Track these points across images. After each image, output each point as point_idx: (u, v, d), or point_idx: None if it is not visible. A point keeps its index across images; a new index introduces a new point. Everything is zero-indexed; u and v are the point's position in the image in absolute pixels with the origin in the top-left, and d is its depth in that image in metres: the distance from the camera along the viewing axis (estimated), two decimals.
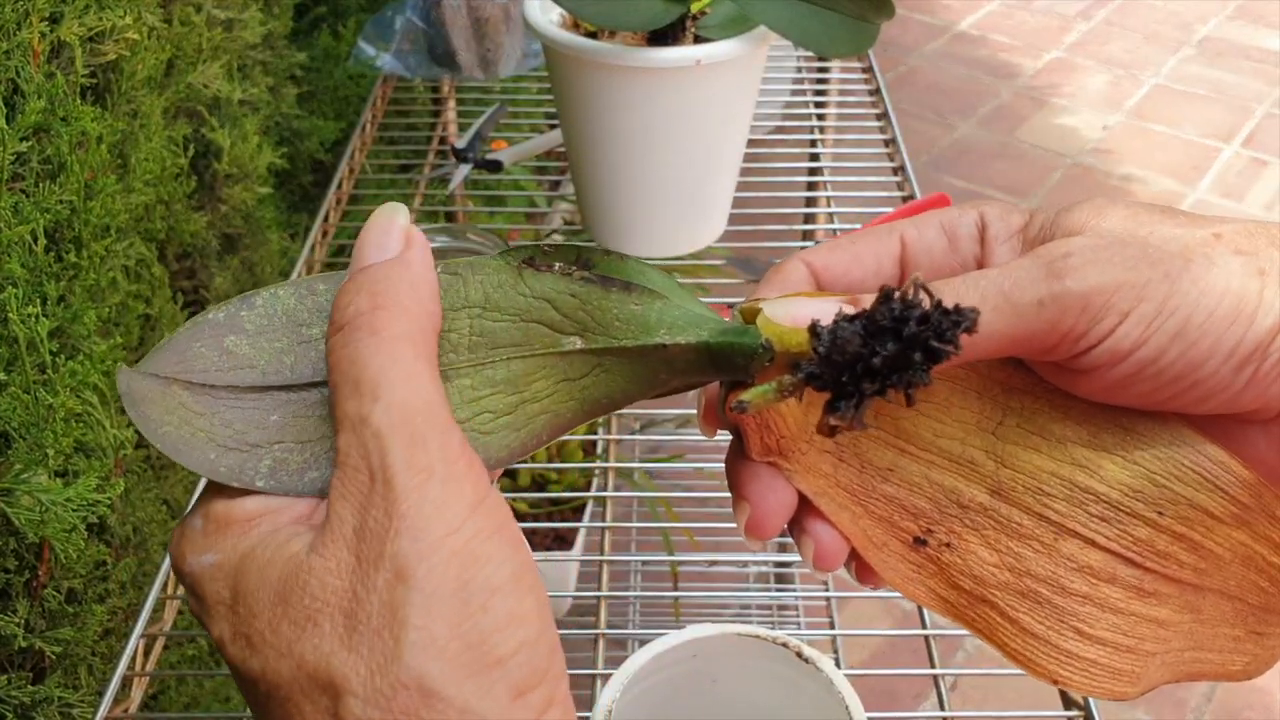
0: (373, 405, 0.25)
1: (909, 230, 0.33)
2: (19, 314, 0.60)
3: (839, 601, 1.41)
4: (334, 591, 0.24)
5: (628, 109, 0.70)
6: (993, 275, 0.29)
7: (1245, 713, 1.44)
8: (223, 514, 0.27)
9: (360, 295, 0.27)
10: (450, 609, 0.24)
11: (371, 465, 0.25)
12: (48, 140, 0.64)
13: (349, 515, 0.25)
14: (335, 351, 0.27)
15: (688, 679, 0.50)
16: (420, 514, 0.24)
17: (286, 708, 0.25)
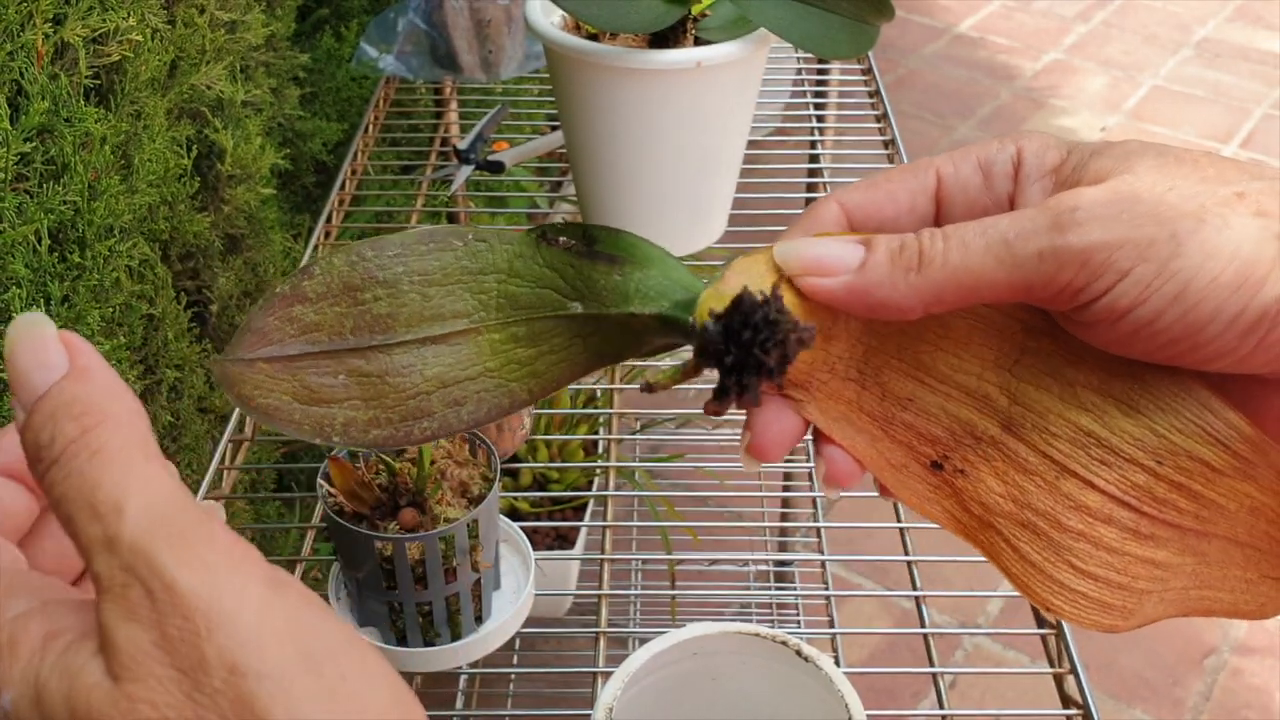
0: (119, 522, 0.23)
1: (945, 166, 0.33)
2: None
3: (839, 600, 1.41)
4: (171, 709, 0.22)
5: (629, 110, 0.70)
6: (1003, 223, 0.29)
7: (1244, 712, 1.44)
8: (7, 639, 0.24)
9: (61, 423, 0.25)
10: (307, 687, 0.23)
11: (143, 579, 0.23)
12: (51, 141, 0.64)
13: (140, 633, 0.23)
14: (56, 486, 0.24)
15: (688, 677, 0.51)
16: (222, 607, 0.23)
17: None
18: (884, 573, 1.55)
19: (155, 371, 0.82)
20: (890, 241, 0.30)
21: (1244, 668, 1.50)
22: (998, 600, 1.55)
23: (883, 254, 0.30)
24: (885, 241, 0.30)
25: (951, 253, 0.29)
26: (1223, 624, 1.55)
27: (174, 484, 0.25)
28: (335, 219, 0.89)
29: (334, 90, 1.13)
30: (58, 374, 0.25)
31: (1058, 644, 0.58)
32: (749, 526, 1.34)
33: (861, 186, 0.33)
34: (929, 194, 0.33)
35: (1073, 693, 0.56)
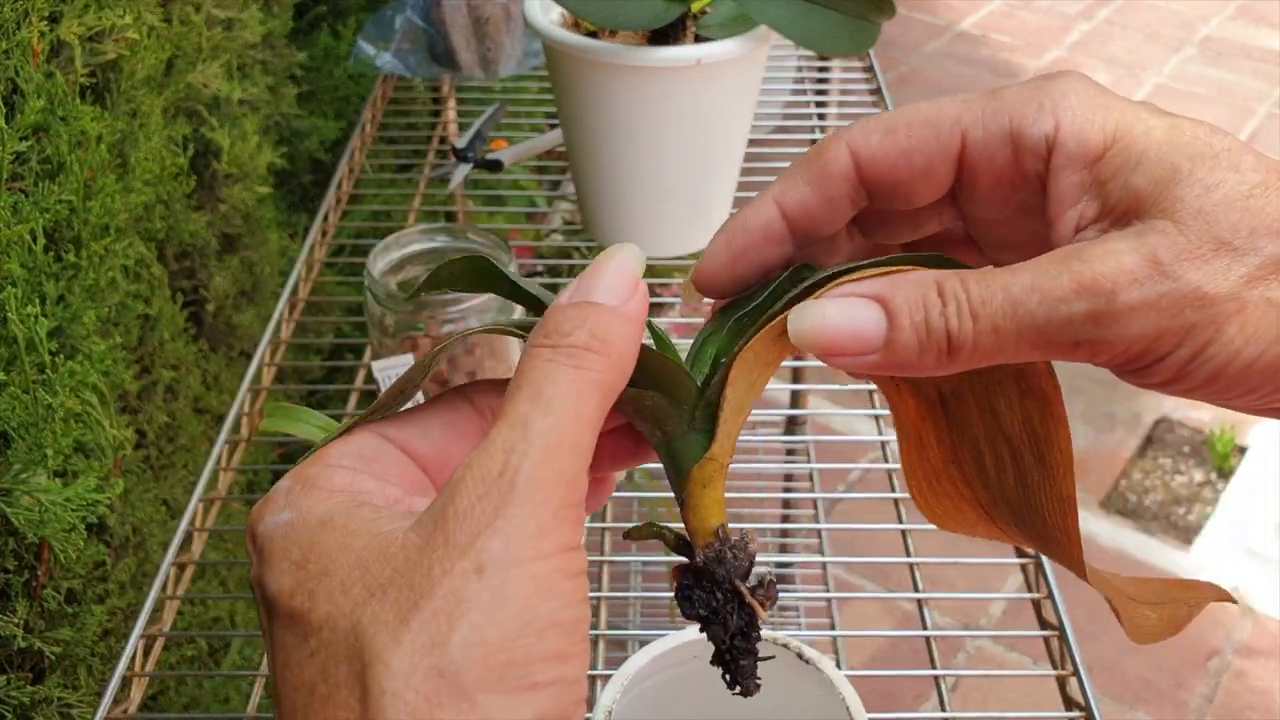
0: (541, 418, 0.26)
1: (973, 130, 0.30)
2: (18, 314, 0.60)
3: (840, 602, 1.41)
4: (412, 564, 0.25)
5: (628, 108, 0.70)
6: (1033, 303, 0.27)
7: (1247, 714, 1.44)
8: (312, 476, 0.28)
9: (582, 329, 0.28)
10: (509, 622, 0.24)
11: (508, 461, 0.25)
12: (47, 139, 0.64)
13: (461, 496, 0.25)
14: (535, 361, 0.27)
15: (688, 680, 0.50)
16: (521, 527, 0.25)
17: (327, 665, 0.25)
18: (885, 575, 1.55)
19: (151, 371, 0.82)
20: (914, 311, 0.28)
21: (1247, 670, 1.49)
22: (1000, 602, 1.55)
23: (909, 334, 0.28)
24: (908, 310, 0.28)
25: (983, 337, 0.28)
26: (1226, 627, 1.55)
27: (591, 439, 0.27)
28: (332, 218, 0.88)
29: (331, 88, 1.13)
30: (614, 302, 0.29)
31: (1060, 646, 0.58)
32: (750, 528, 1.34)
33: (878, 131, 0.31)
34: (950, 159, 0.31)
35: (1075, 695, 0.56)
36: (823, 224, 0.33)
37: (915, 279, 0.29)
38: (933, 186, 0.31)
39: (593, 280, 0.29)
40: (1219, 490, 1.76)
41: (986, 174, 0.31)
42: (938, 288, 0.28)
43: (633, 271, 0.29)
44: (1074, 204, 0.29)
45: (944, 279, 0.29)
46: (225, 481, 0.68)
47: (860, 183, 0.32)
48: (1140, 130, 0.29)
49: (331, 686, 0.24)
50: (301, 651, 0.25)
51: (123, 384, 0.74)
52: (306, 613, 0.25)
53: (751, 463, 1.32)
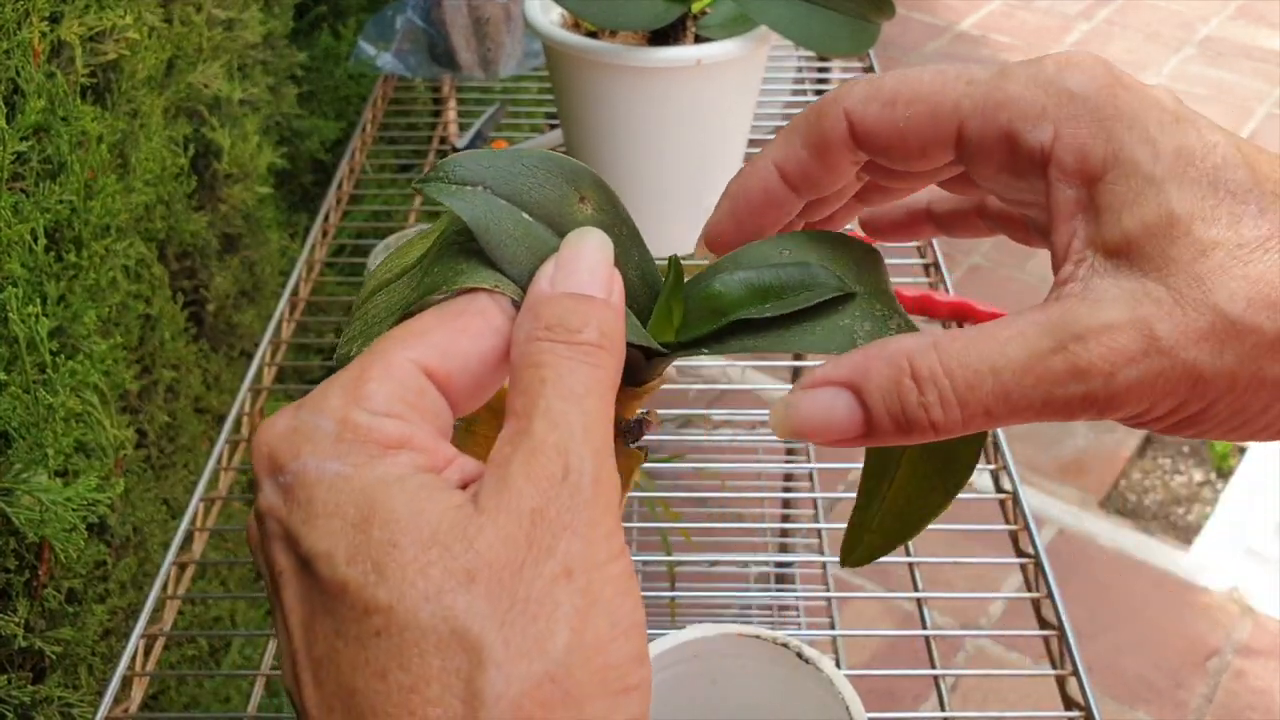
0: (582, 418, 0.26)
1: (971, 122, 0.29)
2: (19, 313, 0.60)
3: (839, 602, 1.41)
4: (499, 559, 0.24)
5: (628, 108, 0.70)
6: (1028, 384, 0.27)
7: (1247, 714, 1.44)
8: (364, 426, 0.26)
9: (590, 326, 0.27)
10: (601, 626, 0.24)
11: (569, 464, 0.25)
12: (48, 140, 0.64)
13: (531, 494, 0.25)
14: (553, 355, 0.27)
15: (688, 679, 0.50)
16: (595, 529, 0.25)
17: (405, 651, 0.23)
18: (885, 574, 1.55)
19: (152, 371, 0.82)
20: (888, 400, 0.27)
21: (1247, 670, 1.49)
22: (999, 602, 1.55)
23: (887, 423, 0.28)
24: (882, 399, 0.28)
25: (972, 422, 0.27)
26: (1226, 627, 1.55)
27: (611, 436, 0.27)
28: (333, 218, 0.88)
29: (332, 88, 1.13)
30: (602, 295, 0.28)
31: (1060, 646, 0.58)
32: (750, 528, 1.34)
33: (874, 100, 0.30)
34: (946, 144, 0.30)
35: (1075, 695, 0.56)
36: (824, 184, 0.33)
37: (889, 357, 0.28)
38: (929, 162, 0.31)
39: (576, 267, 0.29)
40: (1218, 490, 1.76)
41: (985, 164, 0.30)
42: (912, 371, 0.27)
43: (609, 259, 0.29)
44: (1070, 218, 0.28)
45: (918, 358, 0.27)
46: (226, 481, 0.68)
47: (859, 148, 0.31)
48: (1145, 157, 0.27)
49: (415, 678, 0.23)
50: (360, 628, 0.23)
51: (123, 384, 0.74)
52: (370, 586, 0.23)
53: (751, 463, 1.32)
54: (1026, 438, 1.81)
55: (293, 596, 0.25)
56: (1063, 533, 1.68)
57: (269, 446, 0.26)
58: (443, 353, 0.27)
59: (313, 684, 0.24)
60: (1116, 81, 0.28)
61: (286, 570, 0.25)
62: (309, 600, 0.25)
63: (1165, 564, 1.64)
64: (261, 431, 0.26)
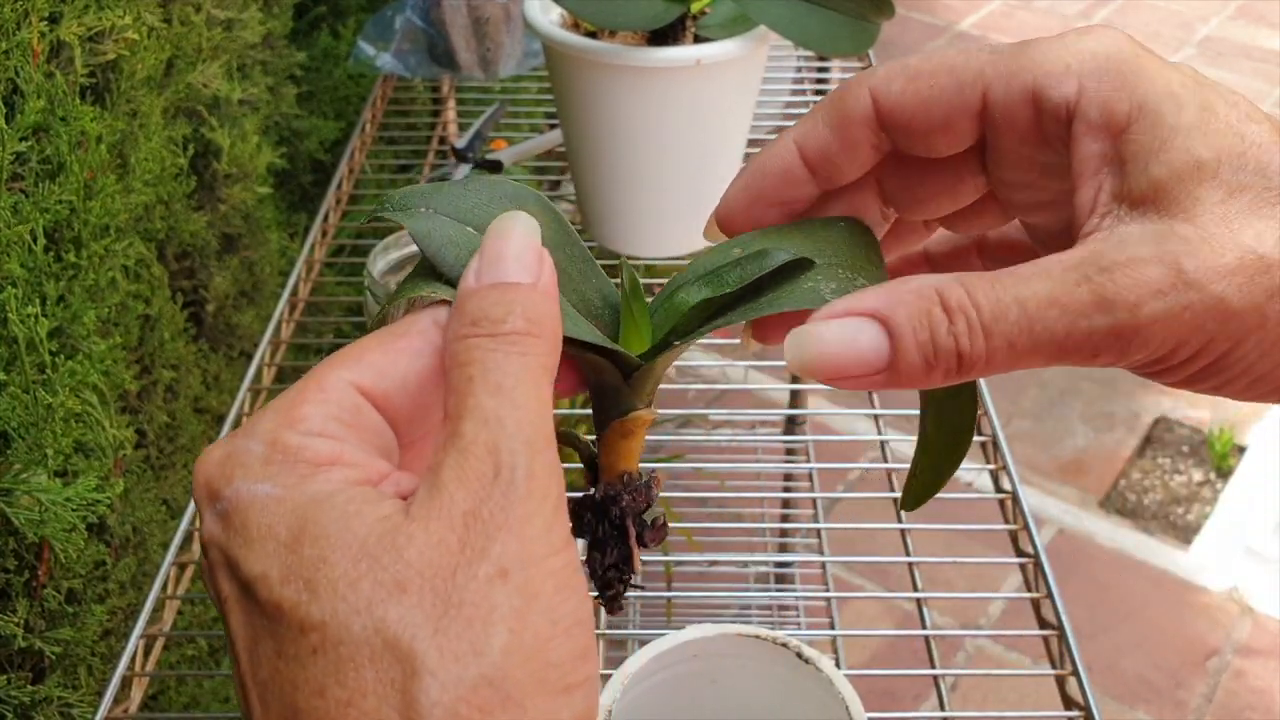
0: (512, 411, 0.25)
1: (995, 86, 0.29)
2: (18, 314, 0.60)
3: (839, 602, 1.41)
4: (431, 566, 0.24)
5: (628, 109, 0.70)
6: (1051, 317, 0.26)
7: (1246, 713, 1.44)
8: (294, 447, 0.26)
9: (514, 314, 0.27)
10: (540, 624, 0.24)
11: (500, 461, 0.25)
12: (47, 140, 0.64)
13: (462, 498, 0.24)
14: (478, 351, 0.26)
15: (687, 679, 0.50)
16: (531, 526, 0.24)
17: (341, 667, 0.23)
18: (885, 574, 1.55)
19: (151, 371, 0.82)
20: (918, 330, 0.27)
21: (1246, 670, 1.49)
22: (999, 602, 1.55)
23: (914, 355, 0.27)
24: (911, 330, 0.27)
25: (996, 355, 0.27)
26: (1225, 626, 1.55)
27: (552, 426, 0.26)
28: (332, 218, 0.88)
29: (331, 88, 1.12)
30: (528, 279, 0.27)
31: (1060, 646, 0.58)
32: (749, 528, 1.34)
33: (899, 76, 0.30)
34: (971, 114, 0.30)
35: (1075, 695, 0.56)
36: (844, 168, 0.32)
37: (916, 289, 0.27)
38: (954, 139, 0.30)
39: (500, 256, 0.28)
40: (1218, 490, 1.76)
41: (1009, 132, 0.29)
42: (941, 301, 0.27)
43: (536, 242, 0.28)
44: (1095, 174, 0.28)
45: (946, 290, 0.27)
46: None
47: (881, 128, 0.31)
48: (1170, 109, 0.27)
49: (352, 692, 0.23)
50: (298, 646, 0.24)
51: (123, 384, 0.74)
52: (303, 604, 0.24)
53: (751, 463, 1.32)
54: (1026, 438, 1.81)
55: (237, 622, 0.25)
56: (1063, 532, 1.68)
57: (205, 476, 0.26)
58: (378, 372, 0.27)
59: (260, 707, 0.24)
60: (1139, 46, 0.29)
61: (230, 597, 0.25)
62: (251, 624, 0.25)
63: (1165, 564, 1.64)
64: (199, 463, 0.27)
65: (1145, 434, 1.85)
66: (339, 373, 0.27)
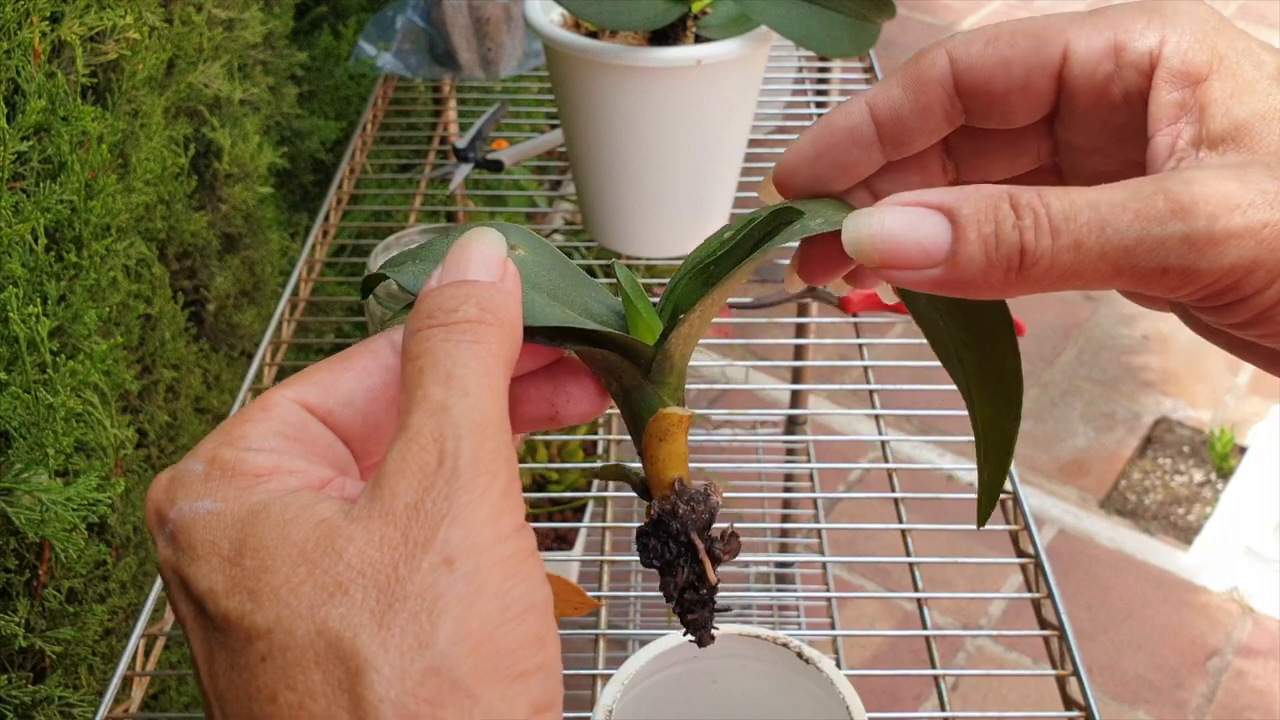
0: (461, 399, 0.25)
1: (1077, 41, 0.29)
2: (19, 313, 0.60)
3: (840, 602, 1.41)
4: (371, 564, 0.23)
5: (629, 109, 0.70)
6: (1124, 222, 0.25)
7: (1247, 714, 1.44)
8: (231, 462, 0.26)
9: (468, 303, 0.27)
10: (489, 611, 0.23)
11: (444, 449, 0.24)
12: (48, 140, 0.64)
13: (404, 490, 0.24)
14: (430, 342, 0.26)
15: (688, 679, 0.50)
16: (476, 513, 0.24)
17: (289, 671, 0.23)
18: (885, 574, 1.55)
19: (152, 371, 0.82)
20: (983, 223, 0.26)
21: (1247, 670, 1.49)
22: (1000, 602, 1.55)
23: (976, 247, 0.26)
24: (976, 222, 0.26)
25: (1061, 255, 0.26)
26: (1226, 627, 1.55)
27: (505, 410, 0.26)
28: (333, 218, 0.88)
29: (332, 88, 1.13)
30: (489, 278, 0.28)
31: (1060, 646, 0.58)
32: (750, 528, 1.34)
33: (978, 40, 0.30)
34: (1051, 73, 0.29)
35: (1075, 695, 0.56)
36: (914, 133, 0.31)
37: (986, 190, 0.26)
38: (1031, 102, 0.30)
39: (460, 261, 0.28)
40: (1219, 490, 1.76)
41: (1087, 90, 0.29)
42: (1011, 199, 0.26)
43: (499, 253, 0.28)
44: (1172, 123, 0.28)
45: (1018, 192, 0.26)
46: None
47: (956, 92, 0.30)
48: (1250, 62, 0.28)
49: (302, 695, 0.23)
50: (247, 656, 0.24)
51: (124, 384, 0.74)
52: (248, 614, 0.24)
53: (751, 463, 1.32)
54: (1027, 438, 1.82)
55: (195, 640, 0.25)
56: (1063, 533, 1.68)
57: (154, 502, 0.26)
58: (323, 389, 0.28)
59: (221, 719, 0.24)
60: (1215, 14, 0.29)
61: (188, 617, 0.25)
62: (207, 640, 0.25)
63: (1165, 564, 1.64)
64: (149, 491, 0.27)
65: (1146, 434, 1.85)
66: (283, 392, 0.28)
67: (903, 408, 0.76)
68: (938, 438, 1.73)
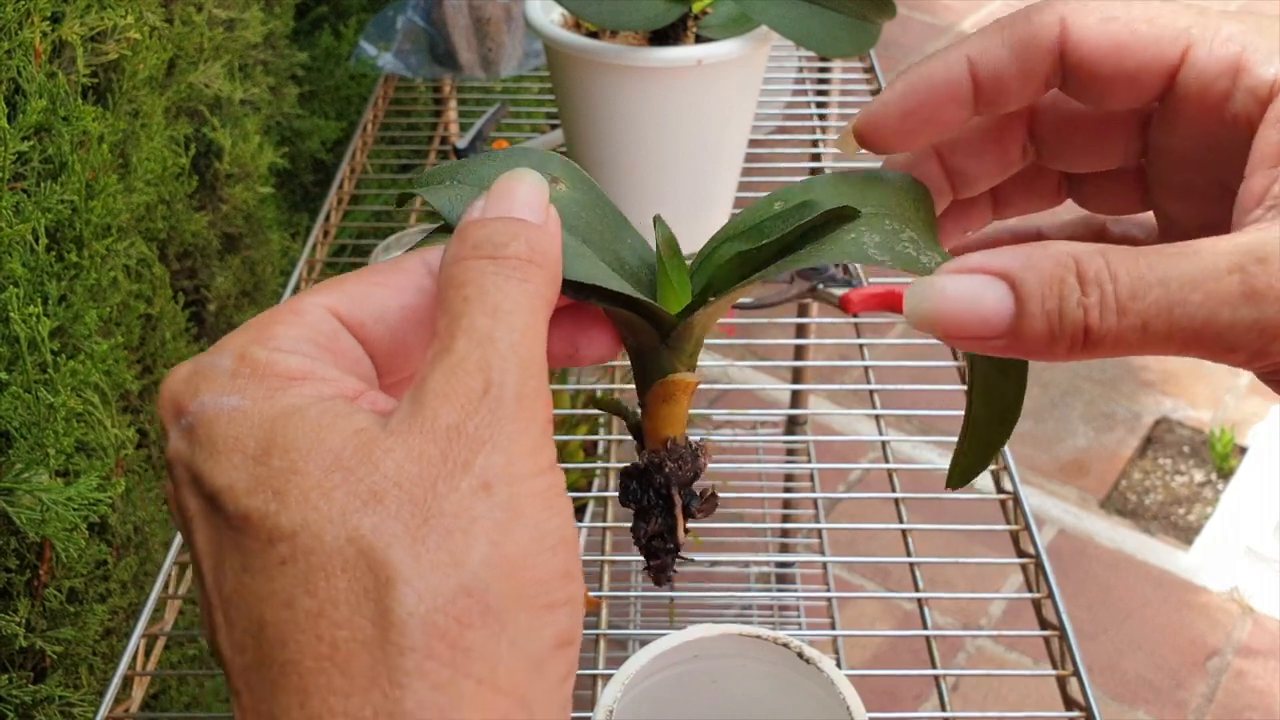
0: (508, 333, 0.25)
1: (1199, 48, 0.28)
2: (20, 313, 0.60)
3: (840, 602, 1.41)
4: (409, 478, 0.23)
5: (629, 109, 0.70)
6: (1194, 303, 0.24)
7: (1247, 714, 1.44)
8: (262, 361, 0.25)
9: (518, 241, 0.26)
10: (524, 539, 0.23)
11: (489, 378, 0.24)
12: (49, 140, 0.64)
13: (447, 412, 0.24)
14: (477, 272, 0.26)
15: (688, 679, 0.50)
16: (518, 443, 0.24)
17: (311, 576, 0.22)
18: (886, 574, 1.55)
19: (153, 371, 0.82)
20: (1047, 298, 0.25)
21: (1247, 670, 1.49)
22: (1000, 602, 1.55)
23: (1040, 322, 0.25)
24: (1040, 296, 0.25)
25: (1127, 334, 0.25)
26: (1226, 627, 1.55)
27: (544, 356, 0.26)
28: (334, 218, 0.88)
29: (332, 88, 1.13)
30: (535, 220, 0.27)
31: (1060, 646, 0.58)
32: (750, 528, 1.34)
33: (1095, 12, 0.28)
34: (1164, 72, 0.28)
35: (1075, 695, 0.56)
36: (1011, 95, 0.30)
37: (1052, 254, 0.25)
38: (1134, 93, 0.29)
39: (507, 197, 0.28)
40: (1219, 490, 1.76)
41: (1196, 101, 0.28)
42: (1078, 269, 0.25)
43: (544, 195, 0.28)
44: (1273, 165, 0.26)
45: (1085, 258, 0.25)
46: None
47: (1061, 62, 0.29)
48: None
49: (322, 602, 0.22)
50: (265, 558, 0.23)
51: (124, 383, 0.74)
52: (271, 515, 0.23)
53: (751, 463, 1.32)
54: (1027, 438, 1.82)
55: (202, 538, 0.24)
56: (1063, 533, 1.68)
57: (170, 393, 0.26)
58: (356, 301, 0.27)
59: (225, 625, 0.24)
60: None
61: (195, 513, 0.24)
62: (217, 538, 0.24)
63: (1165, 564, 1.64)
64: (165, 381, 0.26)
65: (1146, 434, 1.85)
66: (315, 298, 0.27)
67: (903, 408, 0.76)
68: (938, 438, 1.73)
